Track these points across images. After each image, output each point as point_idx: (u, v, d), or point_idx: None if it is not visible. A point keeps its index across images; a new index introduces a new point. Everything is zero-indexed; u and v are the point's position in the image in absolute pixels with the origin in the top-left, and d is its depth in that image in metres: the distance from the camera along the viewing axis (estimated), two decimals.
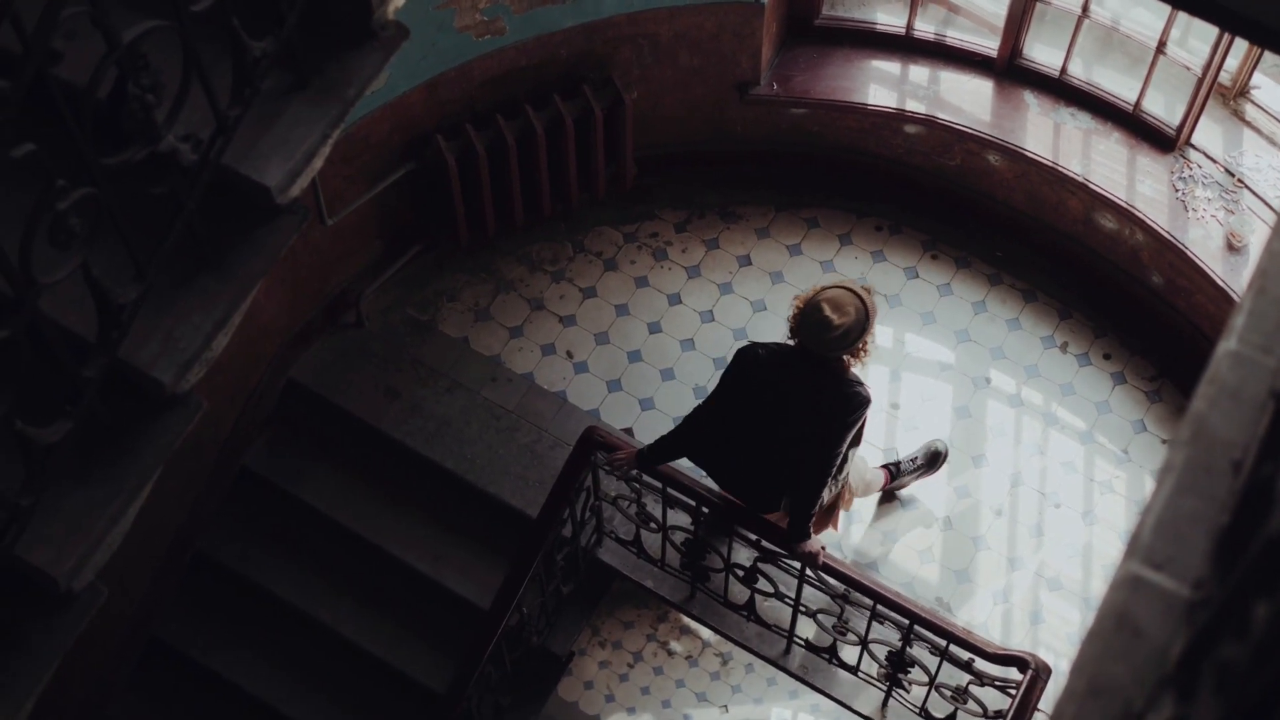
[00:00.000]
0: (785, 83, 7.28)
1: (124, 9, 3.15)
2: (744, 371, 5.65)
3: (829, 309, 5.40)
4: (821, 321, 5.40)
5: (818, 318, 5.41)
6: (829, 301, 5.42)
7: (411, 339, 7.28)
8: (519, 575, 6.16)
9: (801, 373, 5.56)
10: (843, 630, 6.20)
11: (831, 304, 5.41)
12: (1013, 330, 7.30)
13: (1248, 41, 6.19)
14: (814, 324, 5.42)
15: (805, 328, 5.45)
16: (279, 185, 3.58)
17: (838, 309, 5.40)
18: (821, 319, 5.40)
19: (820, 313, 5.41)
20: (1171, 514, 2.14)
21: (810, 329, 5.43)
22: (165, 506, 6.60)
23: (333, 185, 6.63)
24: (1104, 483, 6.98)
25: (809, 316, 5.44)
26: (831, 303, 5.41)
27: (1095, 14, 6.81)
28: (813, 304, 5.44)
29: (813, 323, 5.42)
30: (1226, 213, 6.83)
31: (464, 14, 6.43)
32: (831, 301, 5.41)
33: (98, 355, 3.34)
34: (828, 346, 5.45)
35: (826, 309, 5.40)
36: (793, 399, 5.61)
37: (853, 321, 5.43)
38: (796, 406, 5.61)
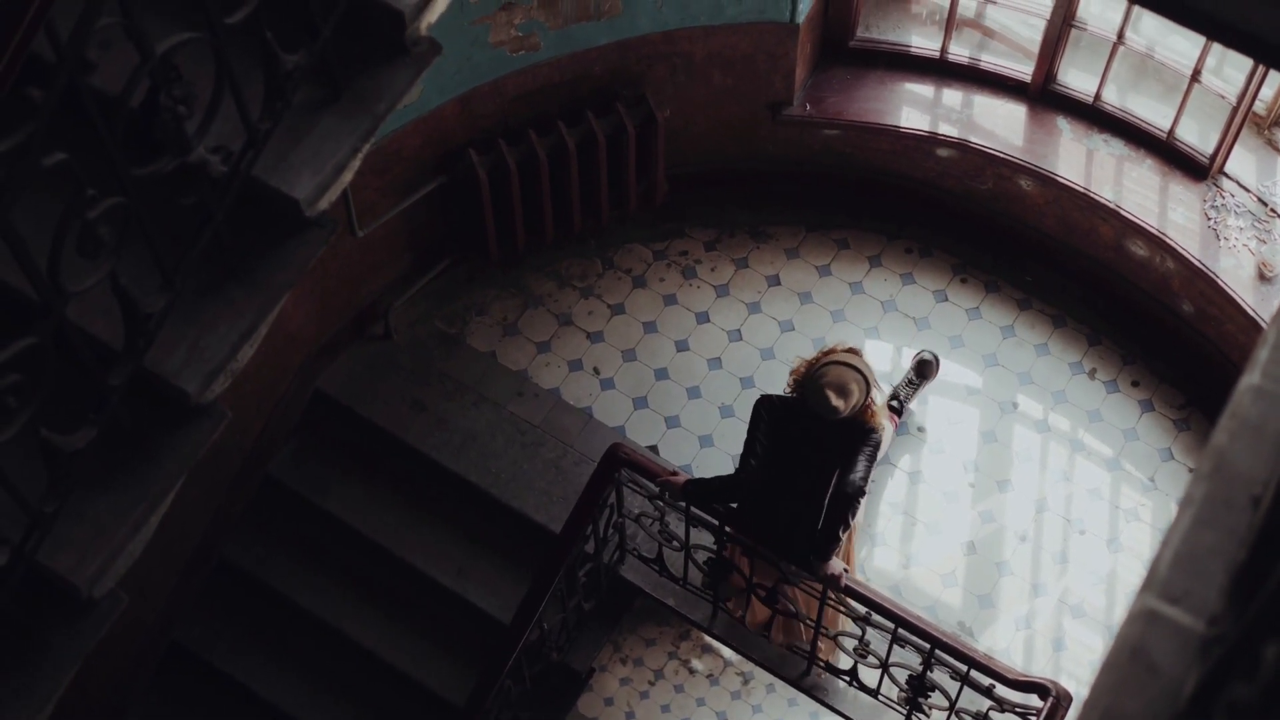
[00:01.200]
0: (818, 104, 7.28)
1: (158, 19, 3.17)
2: (781, 426, 5.76)
3: (834, 396, 5.58)
4: (827, 408, 5.57)
5: (823, 404, 5.57)
6: (832, 387, 5.57)
7: (439, 352, 7.29)
8: (540, 590, 6.16)
9: (828, 427, 5.69)
10: (863, 653, 6.18)
11: (835, 389, 5.58)
12: (1041, 355, 7.28)
13: None
14: (819, 406, 5.58)
15: (812, 404, 5.58)
16: (308, 198, 3.59)
17: (842, 393, 5.58)
18: (828, 406, 5.57)
19: (827, 401, 5.57)
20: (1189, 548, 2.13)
21: (816, 407, 5.58)
22: (189, 513, 6.62)
23: (364, 197, 6.65)
24: (1130, 510, 6.94)
25: (814, 397, 5.58)
26: (835, 388, 5.58)
27: (1130, 41, 6.80)
28: (816, 388, 5.59)
29: (818, 404, 5.58)
30: (1259, 242, 6.80)
31: (499, 29, 6.45)
32: (835, 386, 5.57)
33: (124, 363, 3.36)
34: (834, 421, 5.63)
35: (832, 397, 5.58)
36: (825, 448, 5.73)
37: (856, 399, 5.60)
38: (828, 454, 5.74)
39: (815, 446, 5.75)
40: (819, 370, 5.61)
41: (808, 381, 5.62)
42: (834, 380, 5.57)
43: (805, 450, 5.76)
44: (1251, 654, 1.48)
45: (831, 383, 5.55)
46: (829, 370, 5.60)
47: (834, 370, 5.60)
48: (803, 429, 5.73)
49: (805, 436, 5.74)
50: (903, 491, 7.01)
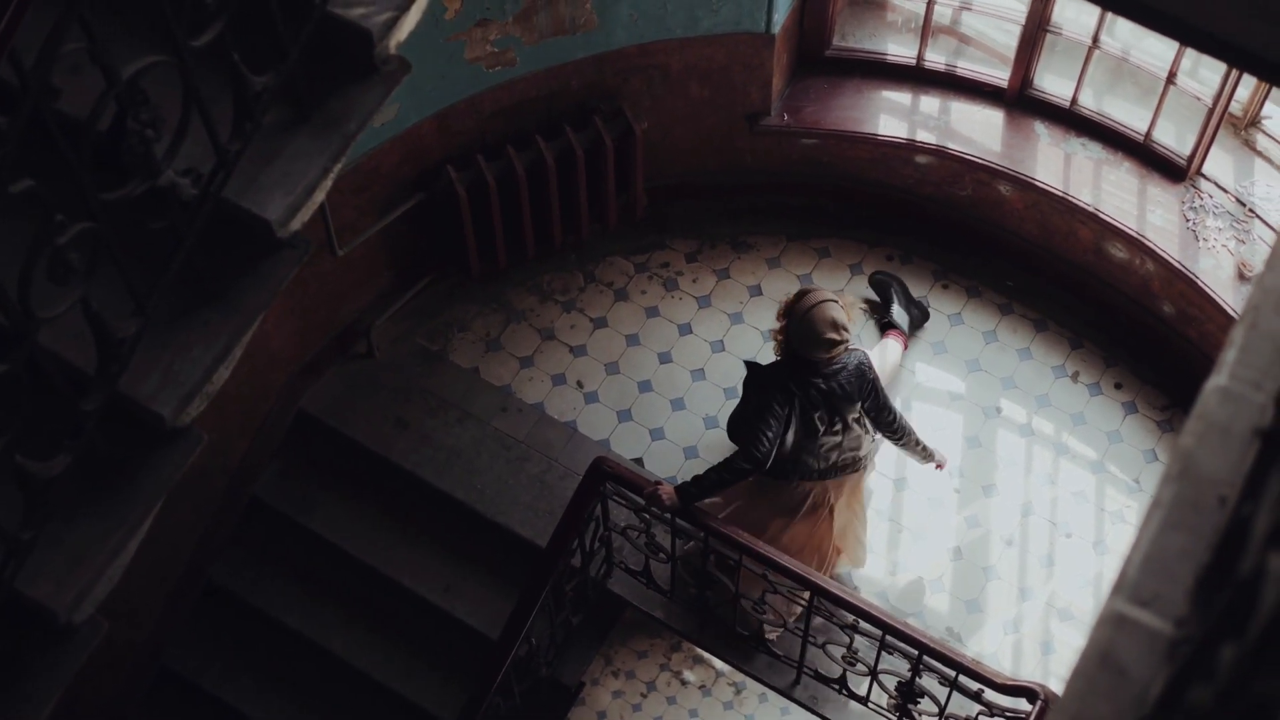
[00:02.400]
0: (796, 113, 7.29)
1: (125, 43, 3.17)
2: (787, 392, 5.83)
3: (834, 332, 5.61)
4: (831, 342, 5.68)
5: (829, 338, 5.61)
6: (831, 325, 5.59)
7: (422, 369, 7.29)
8: (527, 605, 6.15)
9: (822, 373, 5.84)
10: (852, 660, 6.18)
11: (834, 326, 5.61)
12: (1024, 360, 7.29)
13: (1256, 79, 6.18)
14: (821, 344, 5.62)
15: (810, 345, 5.66)
16: (280, 219, 3.59)
17: (836, 326, 5.73)
18: (831, 340, 5.68)
19: (829, 335, 5.68)
20: (1159, 550, 2.13)
21: (816, 347, 5.69)
22: (175, 536, 6.62)
23: (343, 216, 6.64)
24: (1115, 513, 6.95)
25: (814, 337, 5.62)
26: (833, 325, 5.61)
27: (1106, 44, 6.81)
28: (813, 328, 5.67)
29: (820, 343, 5.63)
30: (1237, 242, 6.81)
31: (474, 45, 6.46)
32: (833, 324, 5.61)
33: (97, 389, 3.35)
34: (832, 358, 5.77)
35: (833, 333, 5.61)
36: (833, 397, 5.86)
37: (848, 328, 5.82)
38: (837, 400, 5.88)
39: (822, 404, 5.84)
40: (812, 306, 5.68)
41: (805, 324, 5.69)
42: (832, 319, 5.69)
43: (811, 411, 5.86)
44: (1211, 657, 1.48)
45: (830, 321, 5.68)
46: (825, 309, 5.70)
47: (829, 308, 5.71)
48: (801, 389, 5.80)
49: (807, 398, 5.83)
50: (888, 498, 7.00)
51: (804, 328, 5.75)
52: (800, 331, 5.77)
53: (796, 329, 5.79)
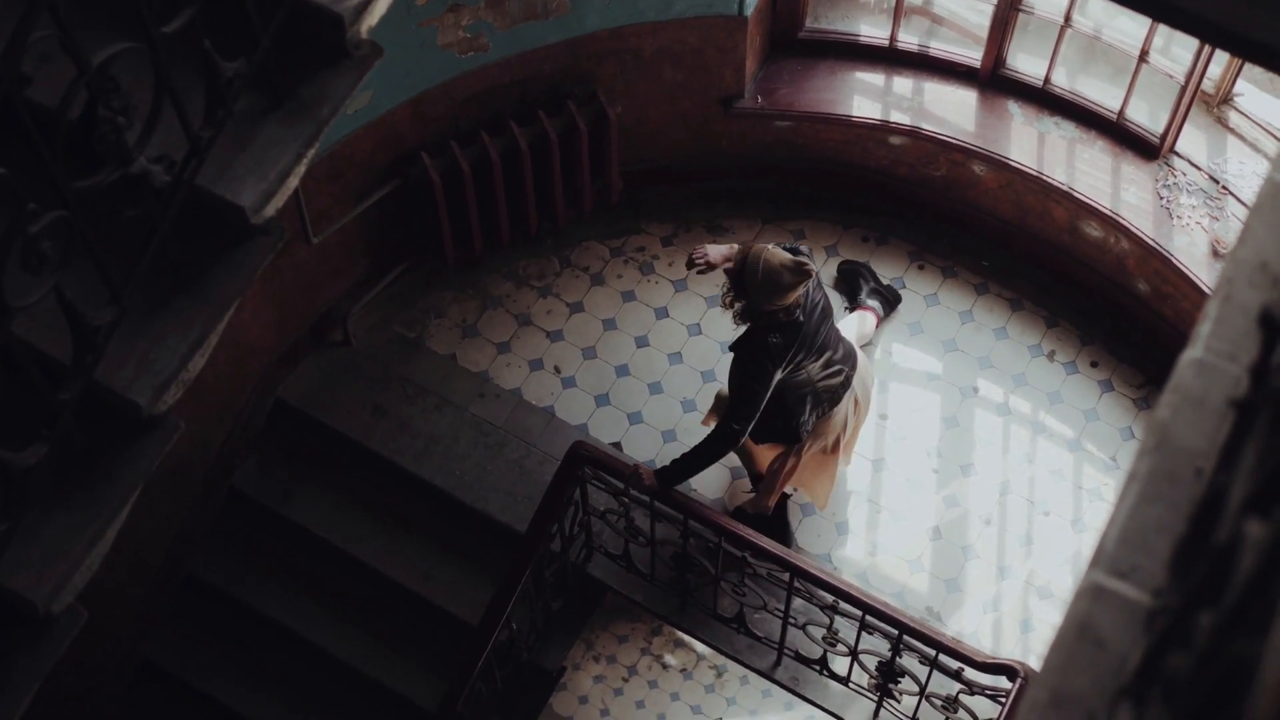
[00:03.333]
0: (769, 96, 7.29)
1: (95, 31, 3.16)
2: (776, 359, 5.81)
3: (795, 267, 5.65)
4: (802, 273, 5.66)
5: (799, 272, 5.64)
6: (789, 265, 5.63)
7: (399, 356, 7.27)
8: (507, 591, 6.16)
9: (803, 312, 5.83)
10: (832, 641, 6.20)
11: (792, 264, 5.64)
12: (1000, 339, 7.31)
13: (1230, 54, 6.20)
14: (793, 285, 5.64)
15: (784, 292, 5.65)
16: (253, 205, 3.58)
17: (797, 262, 5.68)
18: (802, 271, 5.66)
19: (793, 275, 5.64)
20: (1136, 523, 2.14)
21: (792, 289, 5.65)
22: (154, 528, 6.60)
23: (318, 204, 6.63)
24: (1093, 490, 6.97)
25: (783, 284, 5.63)
26: (791, 264, 5.64)
27: (1078, 23, 6.82)
28: (778, 278, 5.62)
29: (791, 284, 5.64)
30: (1211, 219, 6.83)
31: (447, 31, 6.44)
32: (789, 264, 5.64)
33: (73, 378, 3.34)
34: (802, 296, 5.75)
35: (795, 269, 5.64)
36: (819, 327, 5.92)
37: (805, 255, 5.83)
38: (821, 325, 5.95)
39: (812, 343, 5.89)
40: (763, 271, 5.63)
41: (765, 286, 5.63)
42: (777, 261, 5.63)
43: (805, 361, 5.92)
44: (1189, 625, 1.49)
45: (779, 264, 5.63)
46: (765, 263, 5.64)
47: (766, 260, 5.65)
48: (789, 344, 5.81)
49: (798, 347, 5.84)
50: (867, 479, 7.02)
51: (768, 283, 5.62)
52: (767, 288, 5.63)
53: (762, 289, 5.64)
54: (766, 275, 5.62)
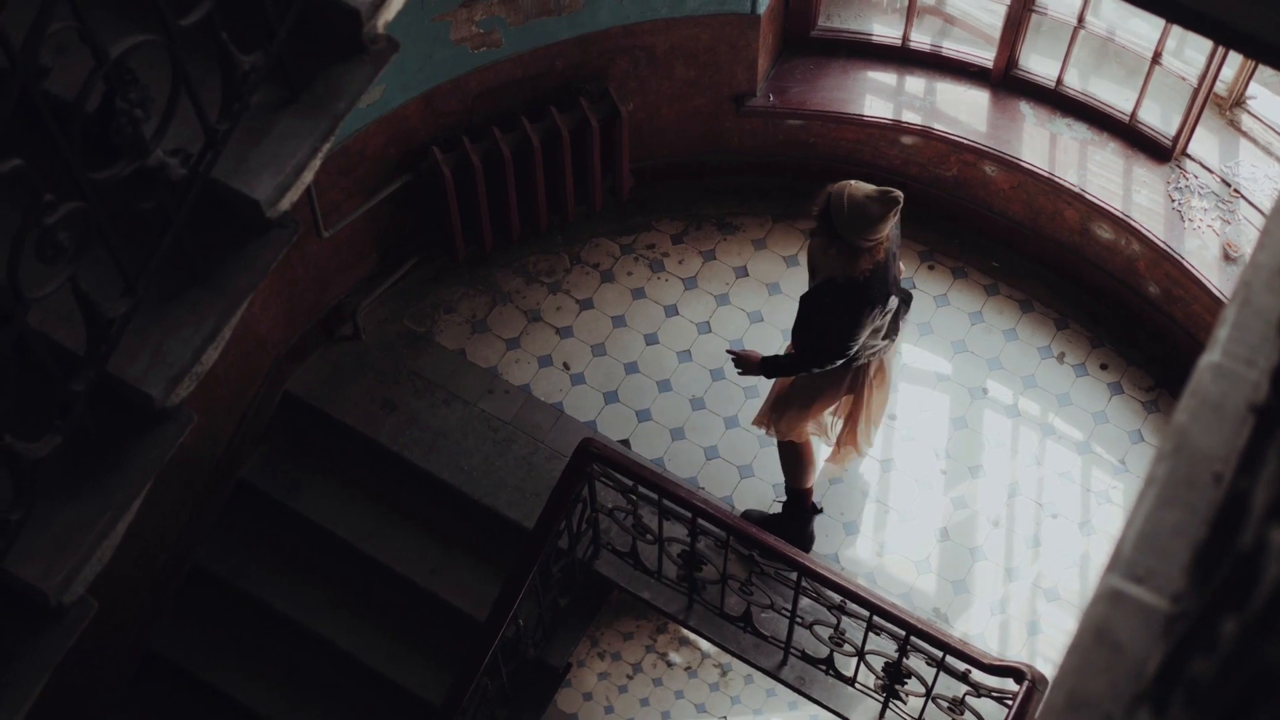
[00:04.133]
0: (781, 94, 7.28)
1: (113, 23, 3.16)
2: (871, 302, 5.75)
3: (881, 195, 5.54)
4: (890, 200, 5.56)
5: (887, 200, 5.55)
6: (874, 193, 5.54)
7: (408, 351, 7.28)
8: (515, 587, 6.15)
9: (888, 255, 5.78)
10: (839, 641, 6.19)
11: (877, 192, 5.55)
12: (1010, 341, 7.30)
13: (1242, 55, 6.19)
14: (884, 211, 5.54)
15: (874, 222, 5.55)
16: (269, 199, 3.58)
17: (881, 190, 5.58)
18: (889, 200, 5.55)
19: (880, 202, 5.54)
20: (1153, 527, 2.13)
21: (882, 219, 5.55)
22: (162, 519, 6.60)
23: (329, 198, 6.63)
24: (1101, 493, 6.97)
25: (872, 211, 5.53)
26: (876, 192, 5.55)
27: (1091, 25, 6.82)
28: (865, 206, 5.53)
29: (881, 212, 5.54)
30: (1223, 223, 6.82)
31: (460, 26, 6.44)
32: (874, 192, 5.55)
33: (87, 369, 3.34)
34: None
35: (881, 197, 5.53)
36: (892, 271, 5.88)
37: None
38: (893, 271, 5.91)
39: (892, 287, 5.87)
40: (849, 202, 5.53)
41: (853, 216, 5.52)
42: (860, 192, 5.55)
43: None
44: (1212, 630, 1.48)
45: (862, 194, 5.54)
46: (850, 194, 5.55)
47: (850, 192, 5.56)
48: (881, 289, 5.77)
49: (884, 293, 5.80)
50: (875, 479, 7.02)
51: (856, 216, 5.50)
52: (856, 222, 5.51)
53: (850, 224, 5.52)
54: (853, 208, 5.51)
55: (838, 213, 5.54)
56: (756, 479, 7.01)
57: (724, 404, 7.17)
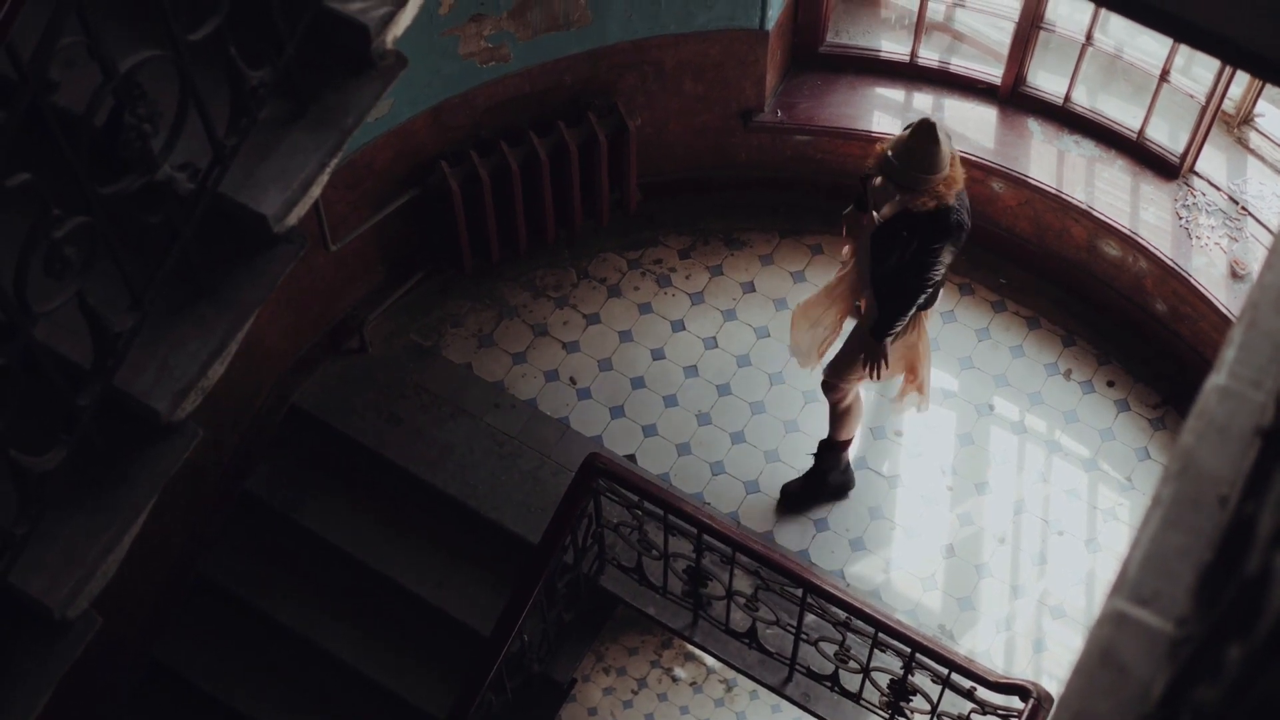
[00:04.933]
0: (789, 110, 7.29)
1: (122, 37, 3.17)
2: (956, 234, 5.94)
3: (930, 130, 5.68)
4: (933, 135, 5.71)
5: (936, 137, 5.70)
6: (923, 129, 5.69)
7: (415, 365, 7.28)
8: (520, 602, 6.15)
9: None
10: (844, 658, 6.18)
11: (923, 127, 5.70)
12: (1016, 357, 7.29)
13: (1251, 75, 6.19)
14: (932, 147, 5.70)
15: (931, 153, 5.72)
16: (276, 214, 3.59)
17: (925, 125, 5.71)
18: (933, 136, 5.70)
19: (934, 138, 5.70)
20: (1159, 549, 2.13)
21: (933, 147, 5.72)
22: (167, 530, 6.61)
23: (337, 211, 6.64)
24: (1107, 510, 6.96)
25: (929, 142, 5.70)
26: (923, 127, 5.70)
27: (1099, 42, 6.82)
28: (925, 137, 5.68)
29: (930, 147, 5.70)
30: (1230, 240, 6.82)
31: (468, 40, 6.45)
32: (921, 128, 5.70)
33: (93, 383, 3.35)
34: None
35: (932, 132, 5.68)
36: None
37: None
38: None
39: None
40: (910, 136, 5.70)
41: (913, 147, 5.68)
42: (897, 142, 5.77)
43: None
44: (1217, 656, 1.48)
45: (900, 142, 5.74)
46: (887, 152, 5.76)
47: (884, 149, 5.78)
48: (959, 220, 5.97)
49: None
50: (881, 496, 7.01)
51: (907, 157, 5.70)
52: (912, 162, 5.70)
53: (909, 166, 5.71)
54: (904, 157, 5.72)
55: (897, 166, 5.71)
56: (762, 494, 7.00)
57: (730, 419, 7.16)
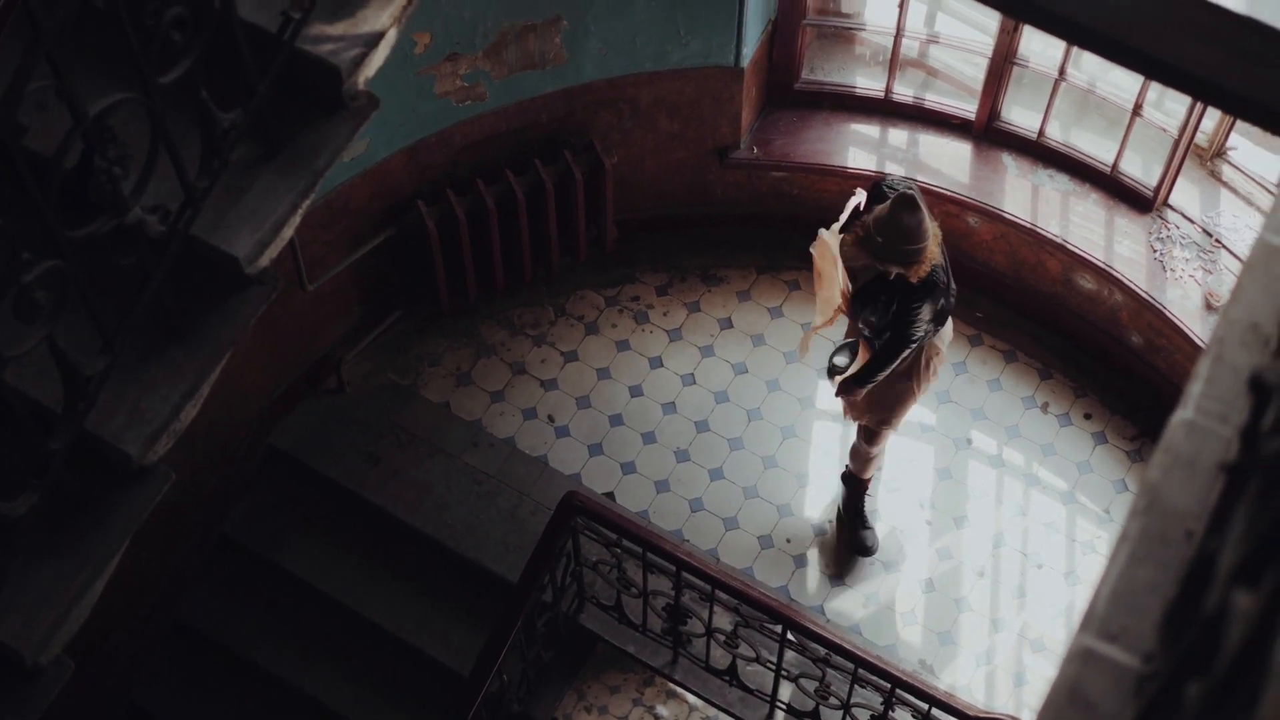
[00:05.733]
0: (765, 146, 7.31)
1: (93, 79, 3.16)
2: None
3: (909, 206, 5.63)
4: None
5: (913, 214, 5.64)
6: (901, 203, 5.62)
7: (392, 404, 7.27)
8: (499, 642, 6.12)
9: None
10: (825, 694, 6.17)
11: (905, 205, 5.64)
12: (994, 391, 7.31)
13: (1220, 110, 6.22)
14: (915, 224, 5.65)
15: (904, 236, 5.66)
16: (248, 256, 3.58)
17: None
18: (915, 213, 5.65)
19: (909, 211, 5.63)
20: (1126, 584, 2.13)
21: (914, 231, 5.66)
22: (144, 574, 6.57)
23: (313, 251, 6.63)
24: (1086, 543, 6.96)
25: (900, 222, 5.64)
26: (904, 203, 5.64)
27: (1072, 77, 6.86)
28: (889, 220, 5.64)
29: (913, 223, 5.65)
30: (1204, 273, 6.85)
31: (444, 80, 6.46)
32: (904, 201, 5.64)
33: (64, 427, 3.33)
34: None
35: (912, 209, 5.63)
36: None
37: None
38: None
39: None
40: (876, 226, 5.67)
41: (891, 240, 5.65)
42: (881, 213, 5.69)
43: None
44: (1179, 692, 1.48)
45: (885, 213, 5.67)
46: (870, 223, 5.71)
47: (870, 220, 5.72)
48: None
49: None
50: None
51: (891, 231, 5.66)
52: (896, 236, 5.68)
53: (894, 241, 5.68)
54: (887, 230, 5.68)
55: (881, 244, 5.66)
56: (741, 530, 7.00)
57: (709, 456, 7.16)
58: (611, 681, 9.10)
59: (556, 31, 6.53)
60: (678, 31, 6.70)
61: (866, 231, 5.70)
